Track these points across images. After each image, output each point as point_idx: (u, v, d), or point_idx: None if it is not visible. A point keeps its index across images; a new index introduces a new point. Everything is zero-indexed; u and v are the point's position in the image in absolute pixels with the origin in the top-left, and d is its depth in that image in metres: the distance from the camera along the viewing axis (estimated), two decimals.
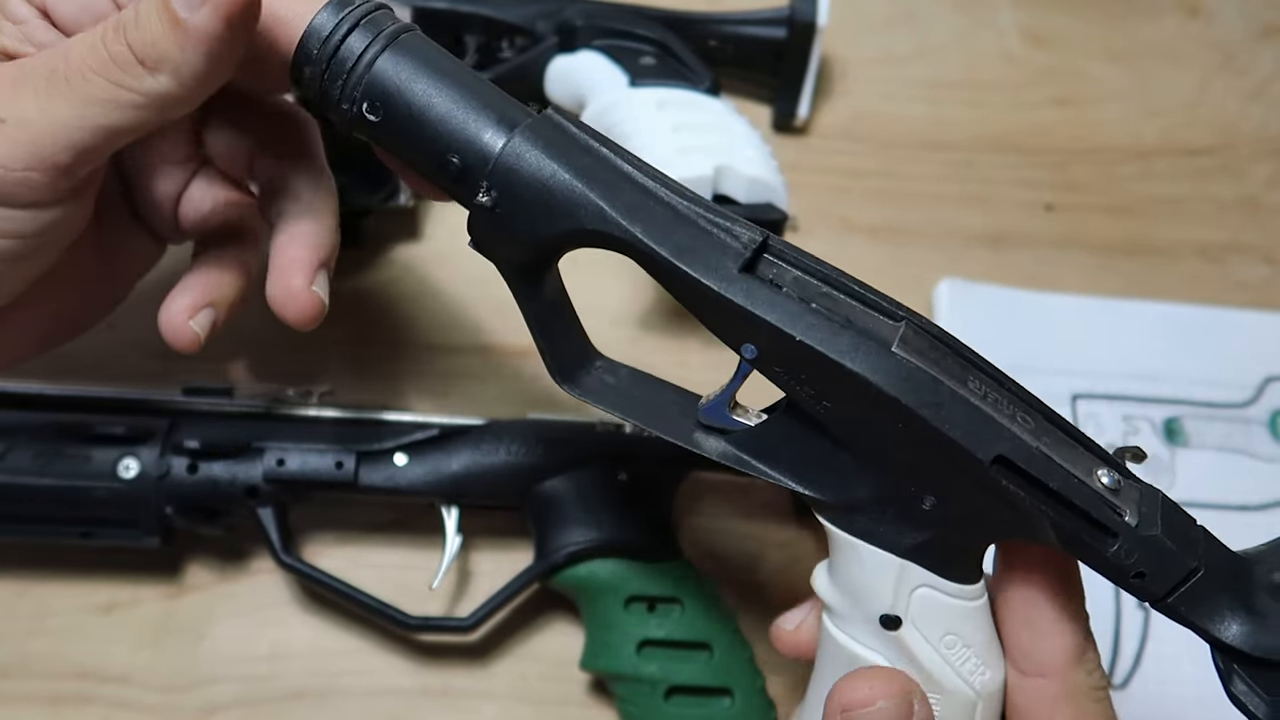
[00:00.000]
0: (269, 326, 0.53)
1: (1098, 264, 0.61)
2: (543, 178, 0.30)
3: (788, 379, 0.30)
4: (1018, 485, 0.28)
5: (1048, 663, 0.31)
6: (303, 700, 0.47)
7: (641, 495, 0.46)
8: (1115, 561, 0.28)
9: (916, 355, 0.28)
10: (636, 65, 0.55)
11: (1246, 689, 0.29)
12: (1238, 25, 0.71)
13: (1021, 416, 0.29)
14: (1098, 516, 0.28)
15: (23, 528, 0.45)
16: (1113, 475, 0.29)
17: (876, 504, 0.30)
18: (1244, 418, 0.57)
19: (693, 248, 0.30)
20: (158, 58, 0.31)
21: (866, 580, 0.31)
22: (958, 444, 0.28)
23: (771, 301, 0.29)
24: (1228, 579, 0.29)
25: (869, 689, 0.31)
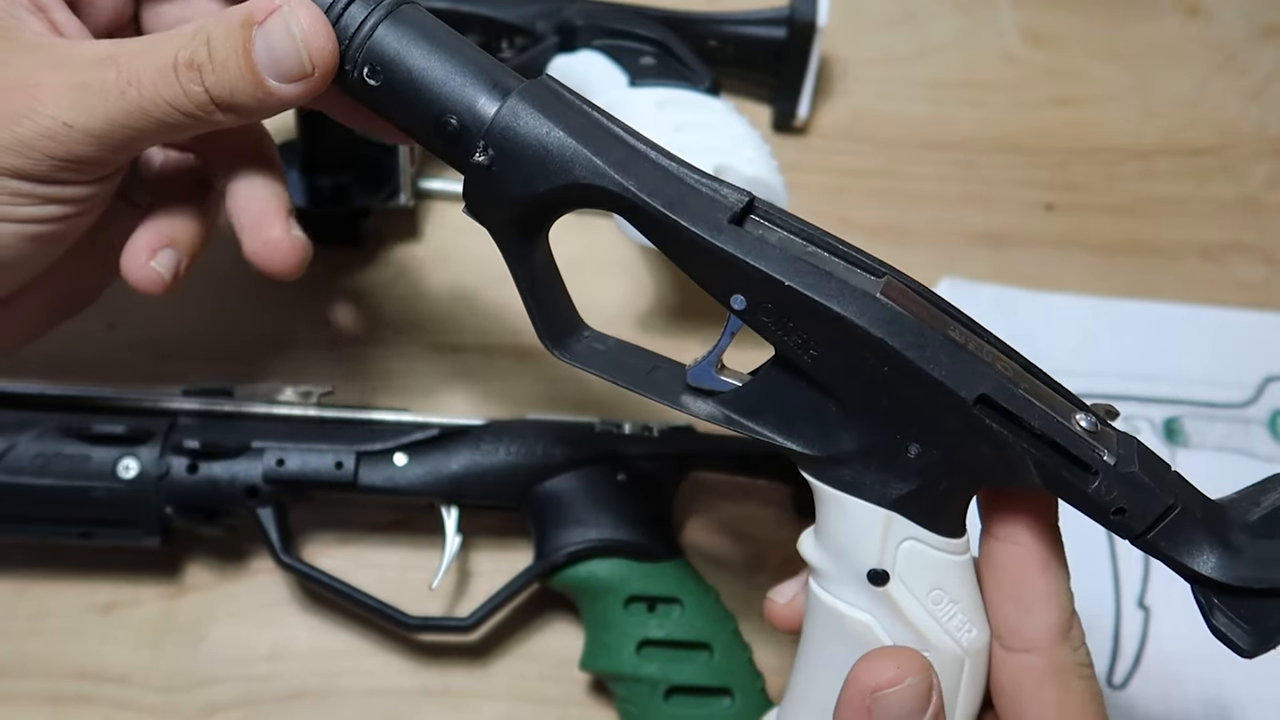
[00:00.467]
0: (269, 326, 0.54)
1: (1098, 264, 0.61)
2: (538, 135, 0.31)
3: (776, 328, 0.30)
4: (1000, 424, 0.29)
5: (1033, 638, 0.31)
6: (303, 700, 0.47)
7: (641, 495, 0.46)
8: (1096, 498, 0.29)
9: (900, 303, 0.29)
10: (636, 65, 0.55)
11: (1228, 620, 0.30)
12: (1238, 25, 0.71)
13: (1001, 363, 0.30)
14: (1078, 453, 0.29)
15: (23, 528, 0.45)
16: (1090, 419, 0.30)
17: (862, 455, 0.31)
18: (1244, 418, 0.57)
19: (684, 201, 0.30)
20: (232, 104, 0.32)
21: (853, 535, 0.32)
22: (942, 384, 0.29)
23: (761, 250, 0.30)
24: (1204, 517, 0.30)
25: (896, 668, 0.31)
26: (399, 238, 0.57)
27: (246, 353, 0.53)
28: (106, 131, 0.32)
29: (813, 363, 0.30)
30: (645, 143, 0.32)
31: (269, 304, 0.54)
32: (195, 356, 0.53)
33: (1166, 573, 0.31)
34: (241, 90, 0.32)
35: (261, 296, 0.54)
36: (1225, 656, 0.54)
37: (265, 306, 0.54)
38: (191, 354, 0.53)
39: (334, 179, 0.53)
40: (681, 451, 0.48)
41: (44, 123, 0.32)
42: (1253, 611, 0.29)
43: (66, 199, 0.34)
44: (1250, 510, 0.30)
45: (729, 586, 0.49)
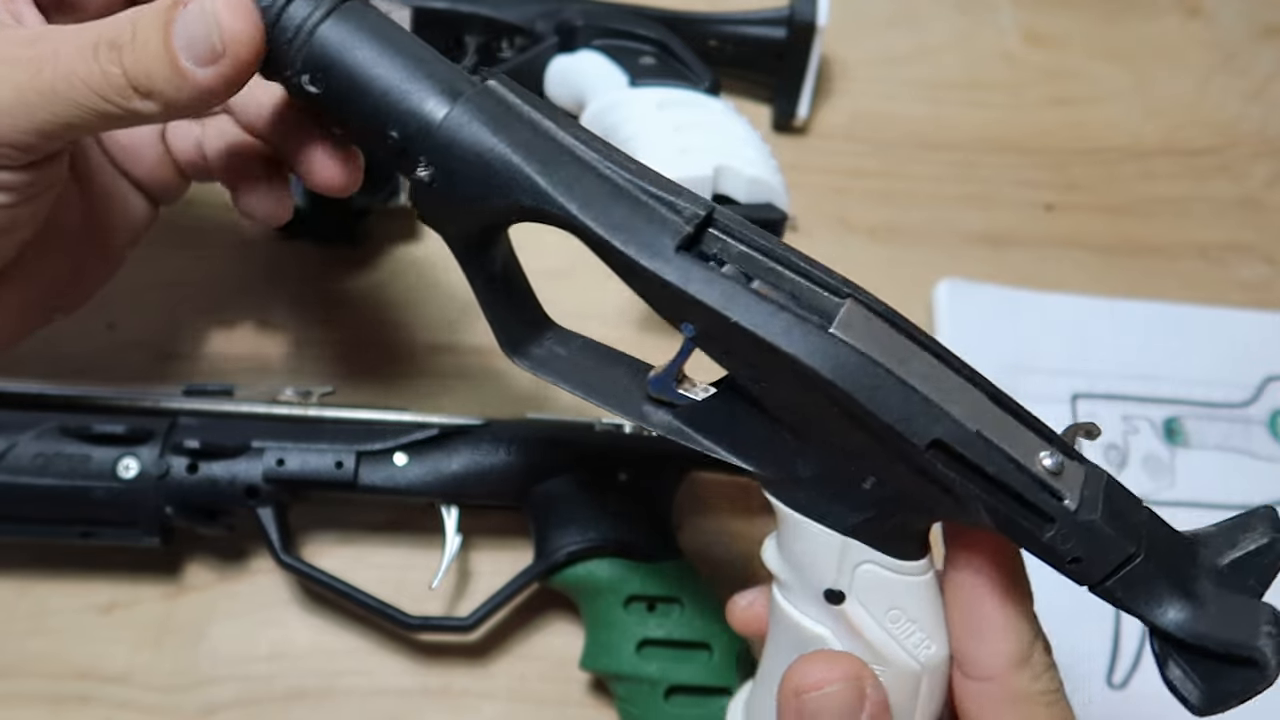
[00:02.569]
0: (269, 326, 0.54)
1: (1098, 264, 0.61)
2: (479, 152, 0.30)
3: (725, 358, 0.30)
4: (953, 469, 0.28)
5: (988, 666, 0.31)
6: (303, 700, 0.47)
7: (641, 495, 0.46)
8: (1051, 546, 0.28)
9: (856, 336, 0.28)
10: (636, 65, 0.55)
11: (1182, 675, 0.29)
12: (1238, 25, 0.71)
13: (964, 398, 0.28)
14: (1034, 501, 0.28)
15: (23, 528, 0.45)
16: (1056, 457, 0.28)
17: (817, 482, 0.30)
18: (1244, 418, 0.57)
19: (630, 224, 0.29)
20: (151, 89, 0.31)
21: (810, 555, 0.31)
22: (893, 428, 0.27)
23: (707, 280, 0.29)
24: (1169, 563, 0.28)
25: (821, 672, 0.31)
26: (399, 238, 0.57)
27: (246, 353, 0.53)
28: (16, 108, 0.31)
29: (763, 393, 0.30)
30: (600, 151, 0.30)
31: (269, 304, 0.54)
32: (195, 356, 0.53)
33: None
34: (158, 72, 0.31)
35: (262, 297, 0.54)
36: None
37: (265, 307, 0.54)
38: (191, 354, 0.53)
39: None
40: (681, 451, 0.47)
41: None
42: (1208, 670, 0.28)
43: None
44: (1224, 552, 0.29)
45: (729, 586, 0.49)
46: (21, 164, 0.33)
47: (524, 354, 0.34)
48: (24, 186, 0.33)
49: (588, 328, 0.36)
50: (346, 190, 0.37)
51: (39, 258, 0.38)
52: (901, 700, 0.32)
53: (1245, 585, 0.28)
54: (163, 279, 0.54)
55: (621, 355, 0.35)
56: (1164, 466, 0.55)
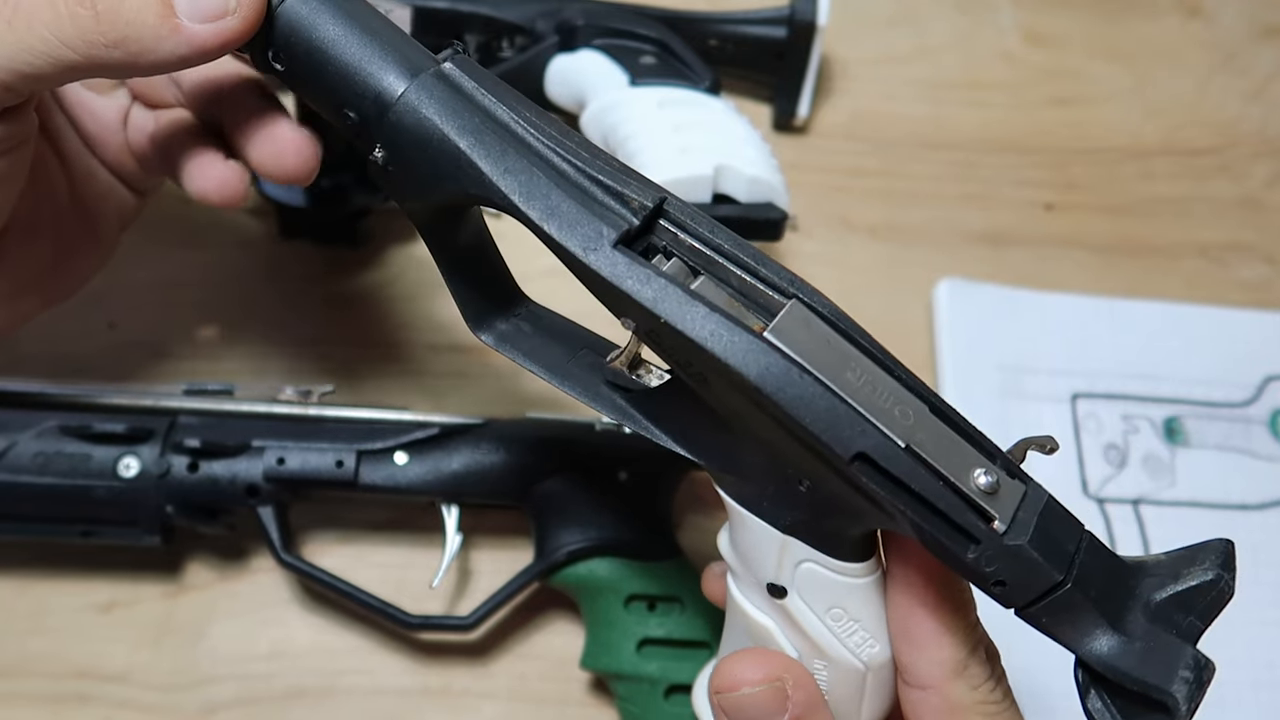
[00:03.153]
0: (269, 326, 0.54)
1: (1098, 264, 0.61)
2: (429, 139, 0.30)
3: (664, 354, 0.30)
4: (878, 483, 0.27)
5: (925, 675, 0.31)
6: (303, 699, 0.47)
7: (641, 495, 0.46)
8: (974, 567, 0.27)
9: (791, 341, 0.28)
10: (637, 65, 0.55)
11: (1101, 707, 0.28)
12: (1238, 25, 0.71)
13: (902, 409, 0.28)
14: (959, 521, 0.27)
15: (23, 527, 0.45)
16: (992, 476, 0.27)
17: (758, 479, 0.30)
18: (1244, 417, 0.57)
19: (572, 217, 0.29)
20: (123, 39, 0.30)
21: (755, 549, 0.32)
22: (818, 438, 0.27)
23: (642, 279, 0.28)
24: (1100, 592, 0.28)
25: (741, 672, 0.32)
26: (398, 238, 0.57)
27: (246, 353, 0.53)
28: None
29: (702, 391, 0.29)
30: (552, 140, 0.30)
31: (269, 304, 0.54)
32: (195, 356, 0.53)
33: None
34: (141, 21, 0.29)
35: (262, 297, 0.54)
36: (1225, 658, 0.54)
37: (265, 306, 0.54)
38: (191, 354, 0.53)
39: (334, 179, 0.53)
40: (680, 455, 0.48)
41: None
42: (1124, 706, 0.28)
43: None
44: (1165, 585, 0.28)
45: None
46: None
47: (488, 329, 0.34)
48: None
49: (587, 327, 0.36)
50: (303, 179, 0.37)
51: (26, 241, 0.38)
52: (846, 696, 0.32)
53: (1182, 622, 0.28)
54: (163, 279, 0.54)
55: (591, 337, 0.35)
56: (1164, 466, 0.55)
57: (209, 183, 0.38)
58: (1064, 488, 0.54)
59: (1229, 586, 0.28)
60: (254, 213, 0.56)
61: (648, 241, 0.30)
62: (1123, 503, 0.54)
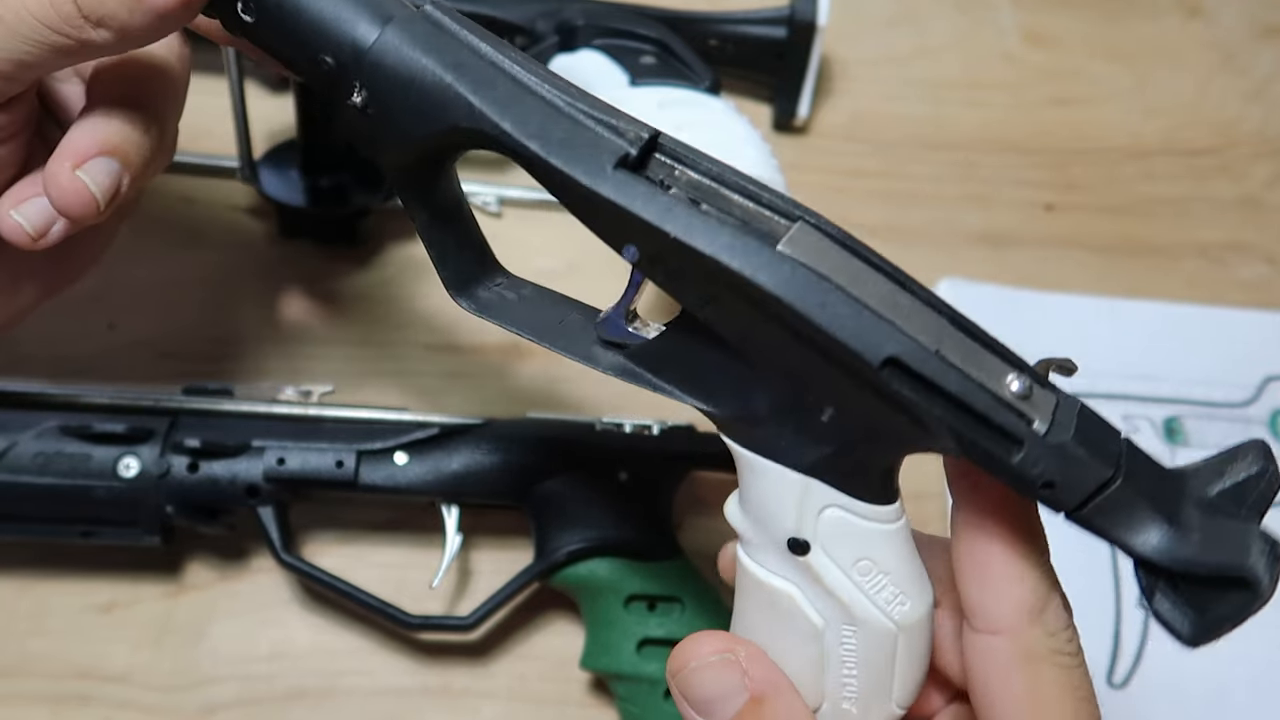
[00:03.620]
0: (269, 326, 0.54)
1: (1098, 264, 0.61)
2: (413, 74, 0.29)
3: (670, 281, 0.28)
4: (911, 389, 0.26)
5: (998, 618, 0.28)
6: (303, 700, 0.47)
7: (641, 495, 0.46)
8: (1021, 471, 0.26)
9: (806, 253, 0.27)
10: (637, 65, 0.55)
11: (1170, 606, 0.27)
12: (1238, 25, 0.71)
13: (923, 320, 0.27)
14: (1000, 422, 0.26)
15: (23, 527, 0.45)
16: (1024, 381, 0.26)
17: (775, 416, 0.28)
18: (1244, 417, 0.57)
19: (568, 143, 0.28)
20: (104, 16, 0.30)
21: (771, 502, 0.29)
22: (845, 345, 0.26)
23: (647, 197, 0.27)
24: (1151, 490, 0.26)
25: (685, 651, 0.31)
26: (398, 238, 0.57)
27: (246, 353, 0.53)
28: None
29: (715, 318, 0.28)
30: (540, 75, 0.29)
31: (269, 304, 0.54)
32: (195, 356, 0.53)
33: None
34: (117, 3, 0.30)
35: (261, 297, 0.54)
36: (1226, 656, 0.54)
37: (265, 306, 0.54)
38: (191, 354, 0.53)
39: (333, 179, 0.53)
40: (681, 451, 0.48)
41: None
42: (1198, 598, 0.27)
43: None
44: (1212, 482, 0.27)
45: (729, 586, 0.49)
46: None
47: (469, 295, 0.33)
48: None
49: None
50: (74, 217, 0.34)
51: None
52: (877, 664, 0.30)
53: (1236, 513, 0.26)
54: (163, 279, 0.54)
55: (573, 301, 0.34)
56: None
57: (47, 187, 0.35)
58: None
59: (1277, 477, 0.27)
60: (254, 213, 0.56)
61: (644, 175, 0.29)
62: None
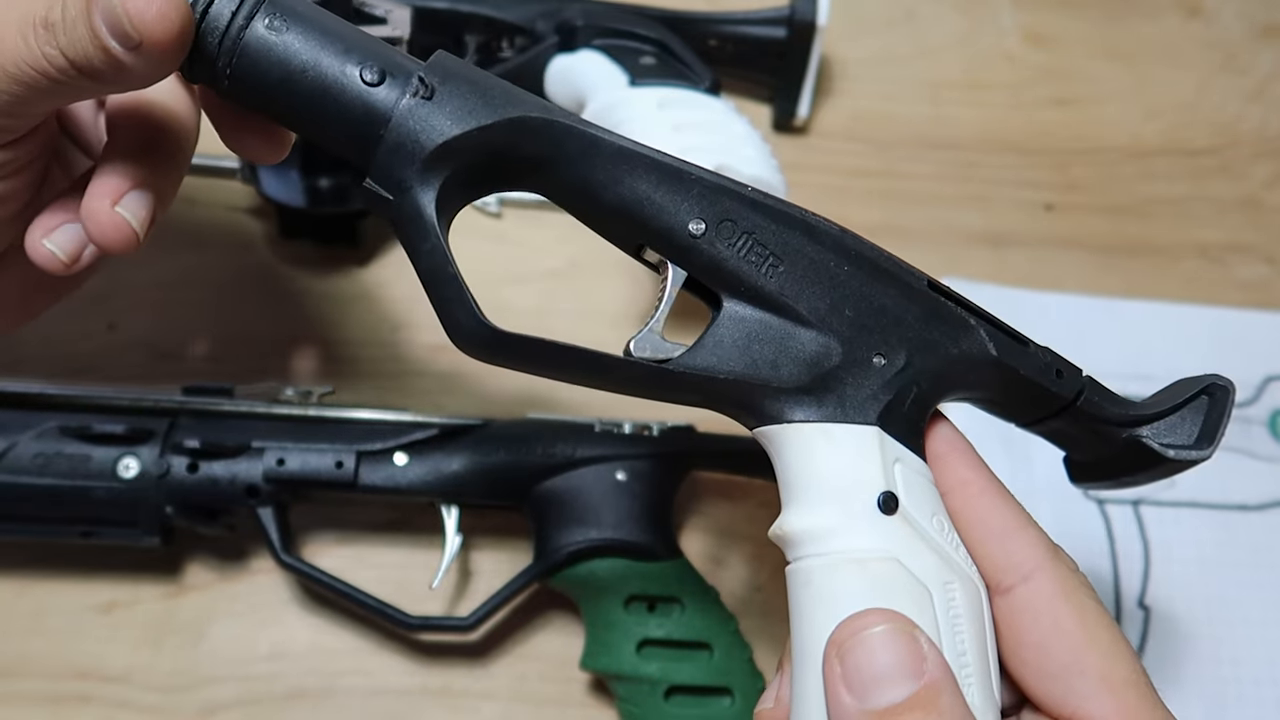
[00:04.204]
0: (269, 326, 0.54)
1: (1098, 264, 0.61)
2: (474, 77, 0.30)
3: (734, 248, 0.31)
4: (952, 301, 0.32)
5: (1023, 561, 0.29)
6: (303, 700, 0.47)
7: (641, 495, 0.46)
8: (1039, 361, 0.32)
9: None
10: (637, 65, 0.55)
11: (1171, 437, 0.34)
12: (1238, 25, 0.71)
13: None
14: (1008, 329, 0.32)
15: (23, 527, 0.45)
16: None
17: (833, 376, 0.30)
18: (1244, 417, 0.56)
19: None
20: (89, 69, 0.30)
21: (853, 464, 0.30)
22: (897, 274, 0.31)
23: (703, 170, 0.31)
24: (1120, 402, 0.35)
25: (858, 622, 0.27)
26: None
27: (246, 353, 0.53)
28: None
29: (774, 279, 0.31)
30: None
31: (269, 304, 0.54)
32: (195, 356, 0.53)
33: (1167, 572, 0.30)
34: (90, 53, 0.29)
35: (261, 297, 0.54)
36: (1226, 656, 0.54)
37: (265, 307, 0.54)
38: (191, 354, 0.53)
39: (334, 179, 0.53)
40: (681, 451, 0.48)
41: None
42: (1184, 421, 0.33)
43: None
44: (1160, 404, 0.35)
45: (729, 586, 0.49)
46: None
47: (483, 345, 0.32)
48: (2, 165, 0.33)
49: (587, 327, 0.36)
50: (275, 159, 0.35)
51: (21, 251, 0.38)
52: (980, 626, 0.29)
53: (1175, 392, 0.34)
54: (163, 279, 0.54)
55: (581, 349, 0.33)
56: None
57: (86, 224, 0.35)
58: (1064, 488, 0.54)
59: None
60: (254, 213, 0.56)
61: None
62: (1123, 504, 0.54)
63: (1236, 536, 0.53)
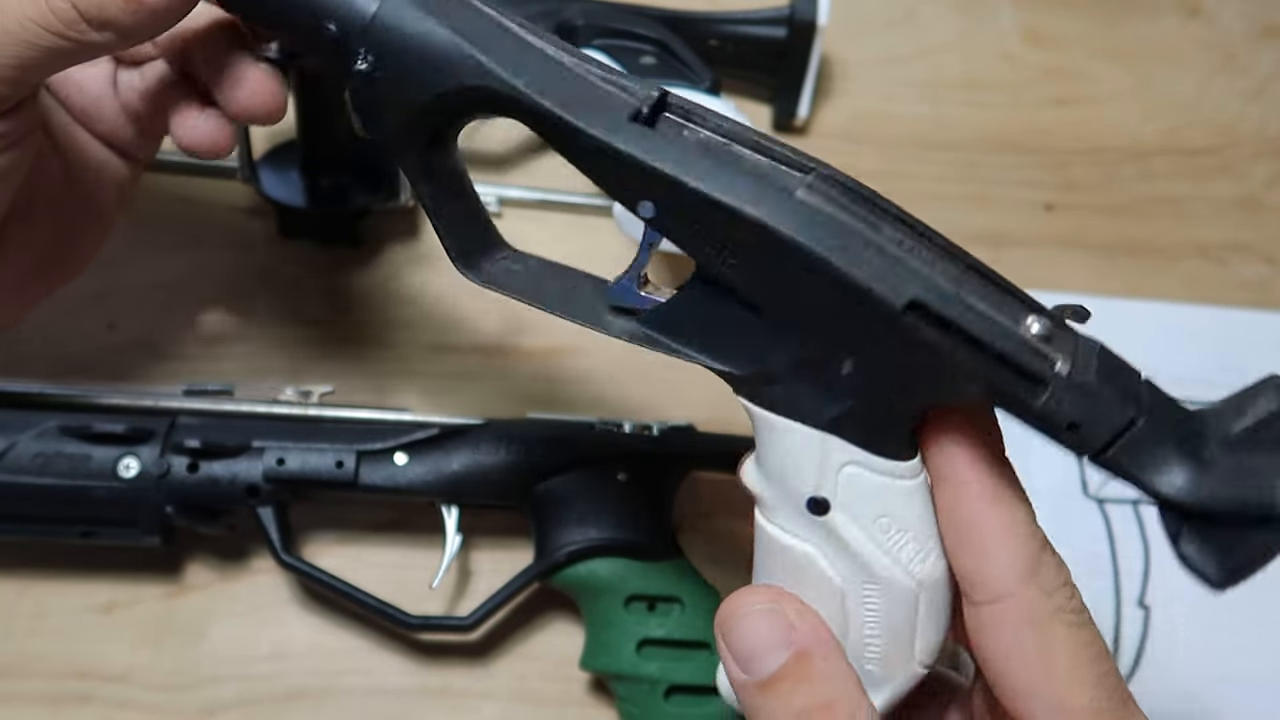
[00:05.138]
0: (269, 326, 0.54)
1: (1098, 264, 0.61)
2: (420, 35, 0.29)
3: (689, 236, 0.28)
4: (935, 333, 0.26)
5: (995, 583, 0.28)
6: (303, 700, 0.47)
7: (641, 495, 0.46)
8: (1046, 412, 0.26)
9: (824, 201, 0.27)
10: (637, 65, 0.55)
11: (1196, 549, 0.27)
12: (1238, 25, 0.71)
13: (943, 264, 0.27)
14: (1024, 363, 0.26)
15: (23, 527, 0.45)
16: (1044, 323, 0.26)
17: (793, 372, 0.29)
18: None
19: (581, 100, 0.28)
20: (104, 20, 0.30)
21: (789, 461, 0.29)
22: (868, 289, 0.26)
23: (664, 150, 0.27)
24: (1174, 430, 0.27)
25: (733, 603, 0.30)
26: (398, 238, 0.57)
27: (246, 352, 0.53)
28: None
29: (731, 272, 0.28)
30: (545, 39, 0.30)
31: (269, 304, 0.54)
32: (195, 356, 0.53)
33: (1166, 572, 0.30)
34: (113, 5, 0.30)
35: (261, 297, 0.54)
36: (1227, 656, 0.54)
37: (265, 306, 0.54)
38: (191, 354, 0.53)
39: (334, 179, 0.53)
40: (681, 451, 0.48)
41: None
42: (1224, 539, 0.26)
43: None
44: (1234, 420, 0.27)
45: (729, 586, 0.49)
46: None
47: (475, 268, 0.33)
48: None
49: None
50: (272, 118, 0.37)
51: (27, 229, 0.38)
52: (898, 623, 0.30)
53: (1259, 450, 0.26)
54: (163, 279, 0.54)
55: (581, 273, 0.34)
56: None
57: (192, 134, 0.38)
58: (1064, 488, 0.54)
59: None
60: (254, 213, 0.56)
61: (658, 130, 0.29)
62: (1123, 503, 0.54)
63: None
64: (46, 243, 0.40)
